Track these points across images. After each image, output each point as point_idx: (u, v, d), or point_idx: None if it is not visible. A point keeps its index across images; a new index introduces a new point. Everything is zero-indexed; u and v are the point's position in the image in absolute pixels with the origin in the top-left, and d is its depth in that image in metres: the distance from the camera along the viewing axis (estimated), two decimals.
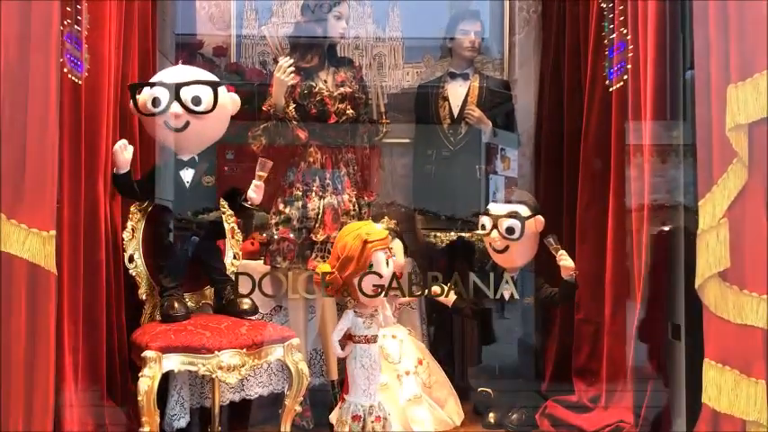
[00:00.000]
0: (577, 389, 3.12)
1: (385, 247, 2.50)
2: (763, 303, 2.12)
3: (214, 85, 2.68)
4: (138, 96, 2.69)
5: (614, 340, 2.88)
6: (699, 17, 2.32)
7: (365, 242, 2.42)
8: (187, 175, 2.71)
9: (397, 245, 3.20)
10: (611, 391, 2.90)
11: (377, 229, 2.52)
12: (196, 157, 2.74)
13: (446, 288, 2.98)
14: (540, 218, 3.12)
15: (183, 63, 2.92)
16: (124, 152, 2.60)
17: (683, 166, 2.61)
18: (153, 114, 2.64)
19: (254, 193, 2.80)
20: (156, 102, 2.62)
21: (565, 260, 2.96)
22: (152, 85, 2.68)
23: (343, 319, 2.53)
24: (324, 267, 2.51)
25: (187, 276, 2.79)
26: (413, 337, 3.28)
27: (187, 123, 2.63)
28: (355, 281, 2.48)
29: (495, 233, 3.09)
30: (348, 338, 2.58)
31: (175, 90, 2.60)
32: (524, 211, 3.10)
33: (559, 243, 2.98)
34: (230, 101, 2.77)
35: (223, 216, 2.97)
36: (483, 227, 3.18)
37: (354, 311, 2.53)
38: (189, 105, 2.61)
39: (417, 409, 3.01)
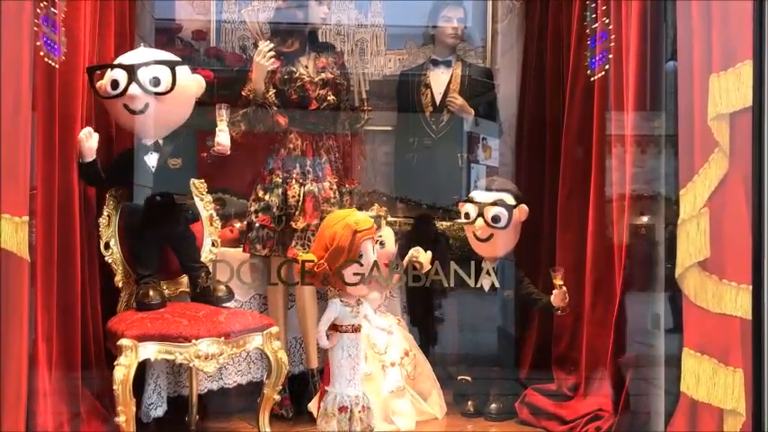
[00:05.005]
0: (557, 377, 3.14)
1: (372, 236, 2.48)
2: (741, 293, 2.13)
3: (172, 65, 2.61)
4: (99, 82, 2.63)
5: (594, 329, 2.89)
6: (682, 6, 2.32)
7: (355, 232, 2.39)
8: (151, 159, 2.66)
9: (388, 233, 3.18)
10: (591, 379, 2.91)
11: (364, 218, 2.50)
12: (160, 141, 2.68)
13: (425, 254, 3.00)
14: (524, 207, 3.12)
15: (162, 48, 2.87)
16: (89, 140, 2.55)
17: (663, 157, 2.62)
18: (112, 97, 2.59)
19: (223, 138, 2.74)
20: (114, 84, 2.57)
21: (561, 295, 2.93)
22: (111, 67, 2.62)
23: (329, 309, 2.50)
24: (308, 256, 2.48)
25: (163, 264, 2.75)
26: (401, 327, 3.26)
27: (147, 105, 2.58)
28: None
29: (479, 221, 3.07)
30: (332, 328, 2.56)
31: (133, 71, 2.55)
32: (509, 199, 3.09)
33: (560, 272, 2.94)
34: (194, 82, 2.72)
35: (201, 202, 2.93)
36: (467, 215, 3.15)
37: (341, 301, 2.51)
38: (147, 87, 2.56)
39: (399, 401, 3.01)
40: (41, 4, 2.31)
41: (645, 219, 2.79)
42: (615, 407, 2.71)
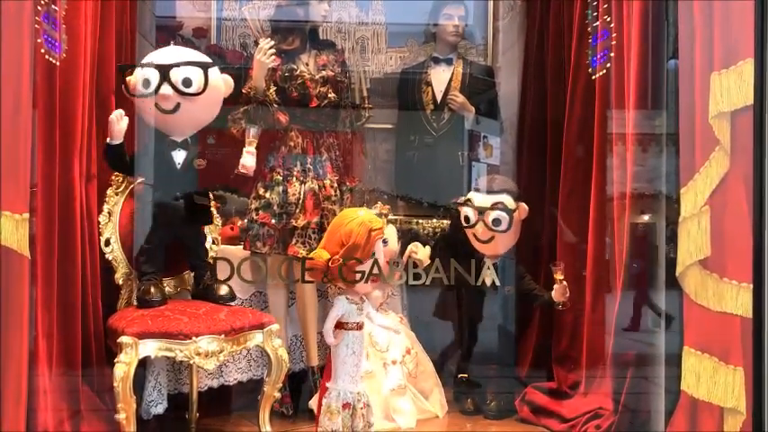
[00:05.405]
0: (557, 376, 3.13)
1: (382, 235, 2.50)
2: (742, 291, 2.13)
3: (205, 67, 2.62)
4: (128, 78, 2.64)
5: (594, 328, 2.89)
6: (683, 5, 2.32)
7: (370, 230, 2.41)
8: (179, 156, 2.66)
9: (391, 230, 3.18)
10: (591, 377, 2.91)
11: (375, 217, 2.51)
12: (189, 139, 2.69)
13: (423, 248, 3.02)
14: (524, 206, 3.11)
15: (165, 45, 2.87)
16: (120, 122, 2.55)
17: (664, 156, 2.62)
18: (143, 96, 2.59)
19: (249, 161, 2.84)
20: (146, 83, 2.58)
21: (561, 290, 2.94)
22: (142, 66, 2.63)
23: (336, 307, 2.50)
24: (321, 252, 2.46)
25: (166, 261, 2.75)
26: (404, 325, 3.26)
27: (178, 105, 2.58)
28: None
29: (480, 225, 3.07)
30: (337, 326, 2.55)
31: (165, 71, 2.55)
32: (509, 200, 3.08)
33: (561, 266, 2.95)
34: (223, 82, 2.72)
35: None
36: (467, 218, 3.14)
37: (347, 298, 2.51)
38: (179, 87, 2.56)
39: (400, 399, 3.00)
40: (42, 2, 2.31)
41: (646, 217, 2.79)
42: (615, 405, 2.71)
